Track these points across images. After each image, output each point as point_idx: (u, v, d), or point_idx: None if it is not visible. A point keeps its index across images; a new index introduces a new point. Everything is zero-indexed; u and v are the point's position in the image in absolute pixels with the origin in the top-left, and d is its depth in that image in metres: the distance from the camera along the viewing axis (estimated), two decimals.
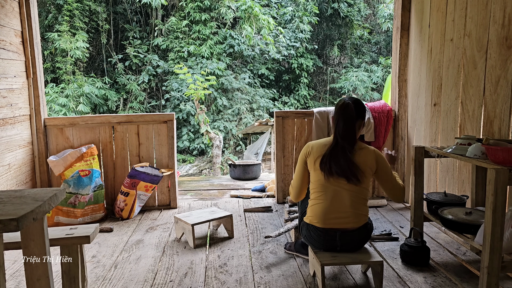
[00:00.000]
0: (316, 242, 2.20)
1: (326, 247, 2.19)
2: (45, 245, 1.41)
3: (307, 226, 2.22)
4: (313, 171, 2.18)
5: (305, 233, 2.26)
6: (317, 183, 2.17)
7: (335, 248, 2.18)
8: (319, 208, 2.16)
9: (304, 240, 2.31)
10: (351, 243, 2.17)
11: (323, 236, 2.16)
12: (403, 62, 3.70)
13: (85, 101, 11.27)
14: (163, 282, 2.28)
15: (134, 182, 3.40)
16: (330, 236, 2.14)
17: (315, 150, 2.17)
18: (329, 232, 2.14)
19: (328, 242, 2.16)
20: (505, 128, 2.36)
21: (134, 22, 13.38)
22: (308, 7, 13.78)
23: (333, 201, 2.13)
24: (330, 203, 2.13)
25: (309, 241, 2.26)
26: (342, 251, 2.19)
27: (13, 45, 3.21)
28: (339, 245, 2.16)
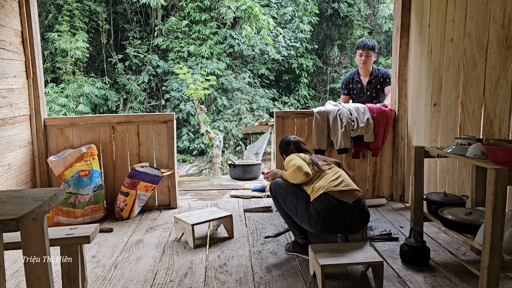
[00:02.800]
0: (327, 216, 2.27)
1: (335, 221, 2.28)
2: (45, 245, 1.41)
3: (319, 199, 2.31)
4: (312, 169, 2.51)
5: (314, 210, 2.31)
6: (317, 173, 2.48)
7: (345, 223, 2.29)
8: (325, 179, 2.41)
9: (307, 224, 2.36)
10: (359, 217, 2.32)
11: (336, 207, 2.28)
12: (403, 62, 3.70)
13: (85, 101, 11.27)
14: (163, 282, 2.28)
15: (134, 182, 3.40)
16: (342, 206, 2.28)
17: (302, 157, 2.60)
18: (341, 203, 2.29)
19: (340, 213, 2.28)
20: (505, 128, 2.36)
21: (134, 22, 13.38)
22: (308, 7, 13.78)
23: (335, 172, 2.48)
24: (335, 173, 2.47)
25: (316, 221, 2.30)
26: (350, 228, 2.33)
27: (13, 45, 3.21)
28: (350, 218, 2.30)
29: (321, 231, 2.34)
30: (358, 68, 4.02)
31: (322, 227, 2.31)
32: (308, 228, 2.42)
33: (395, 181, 3.85)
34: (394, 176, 3.85)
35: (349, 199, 2.32)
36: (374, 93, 3.98)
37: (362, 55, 3.87)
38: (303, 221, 2.40)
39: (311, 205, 2.35)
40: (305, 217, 2.36)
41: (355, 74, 4.03)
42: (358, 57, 3.93)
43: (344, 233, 2.38)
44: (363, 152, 3.84)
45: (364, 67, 3.91)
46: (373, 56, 3.91)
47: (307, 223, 2.36)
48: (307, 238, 2.55)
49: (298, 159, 2.55)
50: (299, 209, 2.40)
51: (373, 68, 3.98)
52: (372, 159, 3.85)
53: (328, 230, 2.33)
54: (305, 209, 2.36)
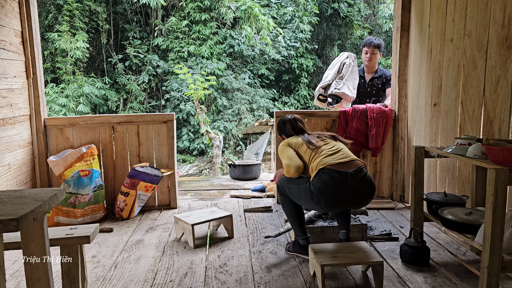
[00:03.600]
0: (327, 189, 2.26)
1: (338, 193, 2.27)
2: (45, 245, 1.41)
3: (317, 175, 2.31)
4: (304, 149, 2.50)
5: (314, 187, 2.30)
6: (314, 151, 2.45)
7: (348, 193, 2.28)
8: (322, 155, 2.39)
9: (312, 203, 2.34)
10: (362, 186, 2.30)
11: (335, 178, 2.26)
12: (403, 62, 3.70)
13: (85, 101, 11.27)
14: (163, 282, 2.28)
15: (134, 182, 3.40)
16: (342, 176, 2.26)
17: (293, 141, 2.58)
18: (340, 173, 2.27)
19: (341, 183, 2.25)
20: (505, 128, 2.36)
21: (134, 22, 13.39)
22: (308, 7, 13.78)
23: (331, 146, 2.46)
24: (332, 148, 2.45)
25: (319, 197, 2.28)
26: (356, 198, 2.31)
27: (13, 45, 3.21)
28: (352, 187, 2.27)
29: (327, 207, 2.31)
30: (363, 67, 4.06)
31: (327, 202, 2.28)
32: (314, 208, 2.40)
33: (395, 181, 3.85)
34: (394, 176, 3.85)
35: (348, 168, 2.30)
36: (374, 91, 4.00)
37: (367, 53, 3.94)
38: (308, 202, 2.37)
39: (311, 183, 2.33)
40: (309, 198, 2.34)
41: (360, 70, 4.07)
42: (363, 54, 4.00)
43: (351, 205, 2.35)
44: (363, 152, 3.84)
45: (369, 64, 3.96)
46: (379, 54, 3.95)
47: (312, 202, 2.34)
48: (309, 239, 2.55)
49: (286, 151, 2.52)
50: (302, 192, 2.39)
51: (379, 68, 4.03)
52: (372, 159, 3.85)
53: (333, 204, 2.30)
54: (306, 190, 2.35)
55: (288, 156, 2.50)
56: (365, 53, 3.97)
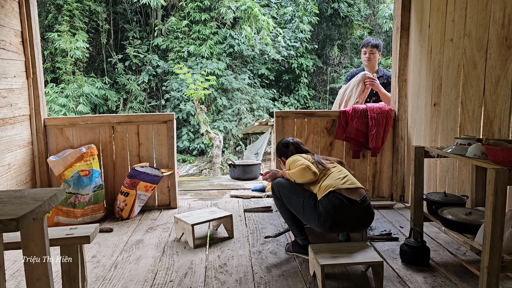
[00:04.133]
0: (336, 213, 2.28)
1: (344, 219, 2.30)
2: (45, 245, 1.41)
3: (327, 197, 2.32)
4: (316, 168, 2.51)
5: (323, 209, 2.30)
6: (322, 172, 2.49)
7: (354, 220, 2.32)
8: (331, 177, 2.42)
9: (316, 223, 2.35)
10: (365, 214, 2.35)
11: (345, 204, 2.29)
12: (403, 62, 3.70)
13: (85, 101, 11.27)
14: (163, 282, 2.28)
15: (134, 182, 3.40)
16: (351, 203, 2.30)
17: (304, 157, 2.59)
18: (349, 200, 2.31)
19: (349, 210, 2.29)
20: (505, 128, 2.36)
21: (134, 22, 13.38)
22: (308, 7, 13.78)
23: (339, 171, 2.50)
24: (340, 172, 2.48)
25: (326, 219, 2.29)
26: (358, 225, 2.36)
27: (13, 45, 3.21)
28: (357, 215, 2.32)
29: (330, 229, 2.33)
30: (364, 66, 4.07)
31: (332, 225, 2.30)
32: (315, 227, 2.40)
33: (395, 181, 3.85)
34: (394, 176, 3.85)
35: (356, 196, 2.34)
36: (375, 91, 4.00)
37: (366, 53, 3.96)
38: (311, 220, 2.38)
39: (319, 203, 2.34)
40: (314, 216, 2.35)
41: (361, 70, 4.08)
42: (362, 55, 4.01)
43: (351, 230, 2.39)
44: (363, 152, 3.84)
45: (368, 64, 3.97)
46: (378, 54, 3.96)
47: (316, 222, 2.35)
48: (307, 239, 2.55)
49: (303, 159, 2.54)
50: (307, 209, 2.39)
51: (379, 69, 4.04)
52: (372, 159, 3.85)
53: (336, 227, 2.33)
54: (313, 208, 2.35)
55: (306, 162, 2.50)
56: (364, 54, 3.98)
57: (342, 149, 3.83)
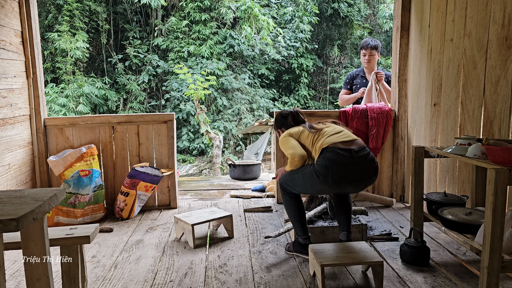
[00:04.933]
0: (333, 165, 2.26)
1: (344, 169, 2.27)
2: (45, 245, 1.41)
3: (321, 155, 2.32)
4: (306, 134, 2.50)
5: (319, 167, 2.29)
6: (316, 134, 2.45)
7: (354, 169, 2.28)
8: (326, 134, 2.40)
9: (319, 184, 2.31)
10: (366, 163, 2.32)
11: (340, 155, 2.27)
12: (403, 62, 3.70)
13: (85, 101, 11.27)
14: (163, 282, 2.28)
15: (134, 182, 3.40)
16: (347, 153, 2.28)
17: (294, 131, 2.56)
18: (344, 150, 2.29)
19: (346, 159, 2.27)
20: (505, 128, 2.36)
21: (134, 22, 13.39)
22: (308, 7, 13.78)
23: (333, 128, 2.47)
24: (334, 129, 2.45)
25: (325, 175, 2.27)
26: (362, 176, 2.31)
27: (13, 45, 3.21)
28: (357, 163, 2.28)
29: (335, 184, 2.29)
30: (363, 67, 4.07)
31: (334, 178, 2.27)
32: (322, 189, 2.36)
33: (395, 181, 3.85)
34: (394, 176, 3.85)
35: (352, 146, 2.32)
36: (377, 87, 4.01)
37: (365, 55, 3.95)
38: (315, 184, 2.34)
39: (315, 164, 2.33)
40: (316, 179, 2.31)
41: (360, 71, 4.08)
42: (362, 57, 4.01)
43: (357, 182, 2.32)
44: None
45: (368, 66, 3.97)
46: (377, 55, 3.96)
47: (319, 182, 2.31)
48: (309, 239, 2.55)
49: (288, 142, 2.50)
50: (307, 176, 2.37)
51: (378, 69, 4.04)
52: None
53: (340, 180, 2.28)
54: (312, 172, 2.34)
55: (291, 146, 2.48)
56: (364, 55, 3.99)
57: None
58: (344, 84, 4.15)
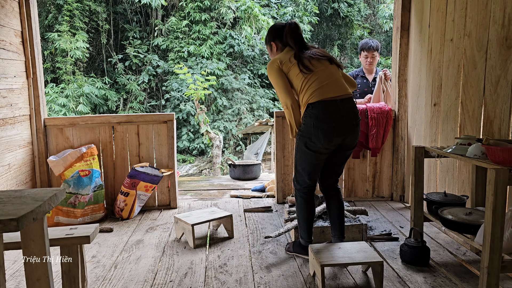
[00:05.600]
0: (320, 121, 2.23)
1: (332, 122, 2.23)
2: (45, 245, 1.41)
3: (306, 113, 2.26)
4: (296, 72, 2.31)
5: (307, 128, 2.27)
6: (306, 78, 2.29)
7: (342, 120, 2.24)
8: (314, 86, 2.26)
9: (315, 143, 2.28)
10: (352, 113, 2.29)
11: (324, 108, 2.23)
12: (403, 62, 3.70)
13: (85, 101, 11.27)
14: (163, 282, 2.28)
15: (134, 182, 3.40)
16: (331, 105, 2.24)
17: (284, 60, 2.34)
18: (328, 103, 2.24)
19: (332, 112, 2.23)
20: (505, 128, 2.36)
21: (134, 22, 13.39)
22: (308, 7, 13.78)
23: (325, 74, 2.30)
24: (322, 76, 2.29)
25: (316, 134, 2.25)
26: (350, 127, 2.28)
27: (13, 45, 3.21)
28: (344, 114, 2.25)
29: (326, 140, 2.26)
30: (362, 68, 4.07)
31: (325, 135, 2.25)
32: (319, 148, 2.30)
33: (395, 181, 3.85)
34: (394, 176, 3.85)
35: (337, 96, 2.26)
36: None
37: (367, 57, 3.96)
38: (310, 147, 2.30)
39: (302, 129, 2.31)
40: (309, 142, 2.29)
41: (360, 71, 4.09)
42: (363, 58, 4.00)
43: (347, 134, 2.30)
44: (363, 152, 3.84)
45: (369, 67, 3.98)
46: (378, 56, 3.97)
47: (312, 143, 2.28)
48: (312, 242, 2.54)
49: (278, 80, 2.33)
50: (301, 145, 2.34)
51: (377, 69, 4.07)
52: (372, 159, 3.85)
53: (331, 135, 2.25)
54: (301, 138, 2.32)
55: (282, 90, 2.33)
56: (365, 57, 3.99)
57: None
58: None
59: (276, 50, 2.50)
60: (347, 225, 2.76)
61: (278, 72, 2.36)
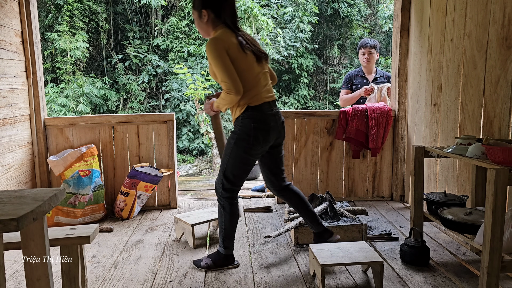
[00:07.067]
0: (260, 123, 2.22)
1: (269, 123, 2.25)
2: (45, 245, 1.41)
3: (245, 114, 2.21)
4: (242, 59, 2.17)
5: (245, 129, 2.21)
6: (248, 72, 2.20)
7: (276, 122, 2.29)
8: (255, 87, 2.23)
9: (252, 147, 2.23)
10: (279, 113, 2.35)
11: (263, 113, 2.24)
12: (403, 62, 3.70)
13: (85, 101, 11.27)
14: (163, 282, 2.28)
15: (134, 182, 3.40)
16: (268, 109, 2.26)
17: (229, 42, 2.14)
18: (266, 105, 2.25)
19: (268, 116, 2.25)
20: (505, 128, 2.36)
21: (134, 22, 13.38)
22: (308, 7, 13.78)
23: (262, 79, 2.27)
24: (262, 78, 2.27)
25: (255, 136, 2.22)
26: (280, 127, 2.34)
27: (13, 45, 3.21)
28: (276, 114, 2.29)
29: (265, 141, 2.26)
30: (361, 67, 4.07)
31: (264, 137, 2.24)
32: (257, 153, 2.28)
33: (395, 181, 3.85)
34: (394, 176, 3.85)
35: (270, 98, 2.29)
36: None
37: (364, 54, 3.96)
38: (249, 151, 2.24)
39: (239, 131, 2.23)
40: (247, 145, 2.22)
41: (359, 71, 4.08)
42: (361, 56, 4.00)
43: (279, 134, 2.33)
44: (363, 152, 3.84)
45: (367, 65, 3.97)
46: (376, 54, 3.96)
47: (251, 146, 2.22)
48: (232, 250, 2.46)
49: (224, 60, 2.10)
50: (237, 151, 2.24)
51: (377, 69, 4.04)
52: (372, 159, 3.85)
53: (268, 136, 2.26)
54: (238, 143, 2.24)
55: (229, 72, 2.11)
56: (363, 55, 3.99)
57: (342, 149, 3.83)
58: (344, 84, 4.13)
59: (206, 21, 2.21)
60: (347, 225, 2.76)
61: (223, 49, 2.12)
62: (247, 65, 2.20)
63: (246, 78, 2.19)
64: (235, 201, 2.38)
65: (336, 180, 3.87)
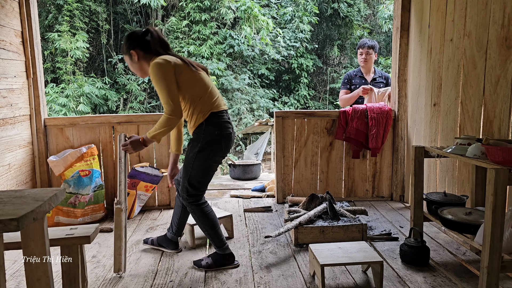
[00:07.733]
0: (224, 129, 2.31)
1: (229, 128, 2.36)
2: (45, 245, 1.41)
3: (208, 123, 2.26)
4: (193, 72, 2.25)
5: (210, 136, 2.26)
6: (204, 81, 2.30)
7: (232, 127, 2.39)
8: (212, 95, 2.31)
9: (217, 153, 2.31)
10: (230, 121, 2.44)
11: (224, 119, 2.33)
12: (403, 62, 3.71)
13: (85, 101, 11.27)
14: (163, 282, 2.28)
15: (134, 182, 3.40)
16: (226, 116, 2.36)
17: (173, 59, 2.20)
18: (224, 111, 2.36)
19: (228, 123, 2.35)
20: (505, 128, 2.37)
21: (134, 22, 13.38)
22: (308, 7, 13.78)
23: (215, 88, 2.37)
24: (216, 90, 2.37)
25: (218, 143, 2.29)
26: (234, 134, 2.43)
27: (13, 45, 3.21)
28: (230, 121, 2.38)
29: (228, 146, 2.35)
30: (360, 67, 4.07)
31: (226, 143, 2.33)
32: (221, 158, 2.36)
33: (395, 181, 3.85)
34: (394, 176, 3.85)
35: (225, 107, 2.40)
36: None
37: (362, 54, 3.95)
38: (213, 157, 2.29)
39: (202, 138, 2.26)
40: (211, 152, 2.27)
41: (358, 71, 4.08)
42: (359, 56, 4.00)
43: (233, 139, 2.42)
44: (363, 152, 3.84)
45: (365, 65, 3.97)
46: (374, 55, 3.95)
47: (215, 153, 2.29)
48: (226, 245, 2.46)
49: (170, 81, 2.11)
50: (202, 158, 2.27)
51: (376, 70, 4.04)
52: (372, 159, 3.85)
53: (230, 141, 2.36)
54: (203, 150, 2.27)
55: (171, 93, 2.11)
56: (361, 55, 3.98)
57: (342, 149, 3.84)
58: (343, 84, 4.13)
59: (138, 60, 2.27)
60: (347, 225, 2.76)
61: (172, 71, 2.16)
62: (201, 75, 2.31)
63: (204, 87, 2.29)
64: (202, 202, 2.40)
65: (336, 180, 3.87)
